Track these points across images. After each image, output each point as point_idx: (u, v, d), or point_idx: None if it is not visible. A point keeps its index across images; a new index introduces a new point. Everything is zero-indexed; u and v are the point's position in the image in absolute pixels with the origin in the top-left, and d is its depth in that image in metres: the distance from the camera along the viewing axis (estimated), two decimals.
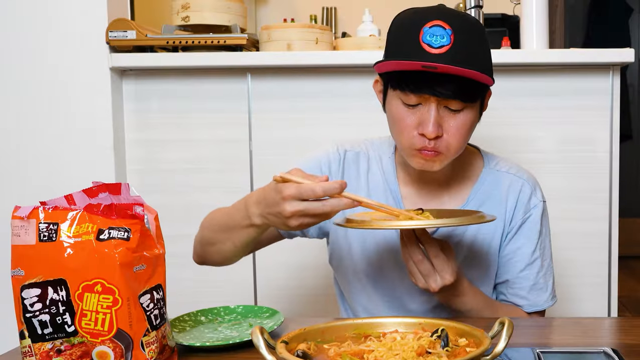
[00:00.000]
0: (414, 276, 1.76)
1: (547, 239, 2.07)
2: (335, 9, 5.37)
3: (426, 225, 1.61)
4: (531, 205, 2.02)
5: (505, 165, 2.07)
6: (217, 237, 1.93)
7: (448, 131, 1.79)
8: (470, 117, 1.81)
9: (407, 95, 1.76)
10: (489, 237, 2.01)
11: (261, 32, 3.27)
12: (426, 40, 1.70)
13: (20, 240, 1.36)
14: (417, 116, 1.78)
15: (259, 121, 3.18)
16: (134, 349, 1.37)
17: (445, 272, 1.73)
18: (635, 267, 6.78)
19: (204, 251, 2.02)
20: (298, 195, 1.58)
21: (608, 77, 3.10)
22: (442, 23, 1.71)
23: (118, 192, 1.49)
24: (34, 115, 3.12)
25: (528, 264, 2.01)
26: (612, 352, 1.48)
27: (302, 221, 1.61)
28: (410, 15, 1.80)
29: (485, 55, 1.81)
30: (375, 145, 2.10)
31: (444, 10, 1.77)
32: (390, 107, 1.84)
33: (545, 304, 2.04)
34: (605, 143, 3.12)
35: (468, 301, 1.87)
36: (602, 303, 3.17)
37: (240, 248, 1.91)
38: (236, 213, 1.84)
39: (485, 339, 1.25)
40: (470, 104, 1.79)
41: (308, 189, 1.57)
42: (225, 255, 1.96)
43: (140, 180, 3.21)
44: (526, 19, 3.17)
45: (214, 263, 2.03)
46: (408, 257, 1.75)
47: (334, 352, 1.30)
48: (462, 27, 1.74)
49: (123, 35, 3.08)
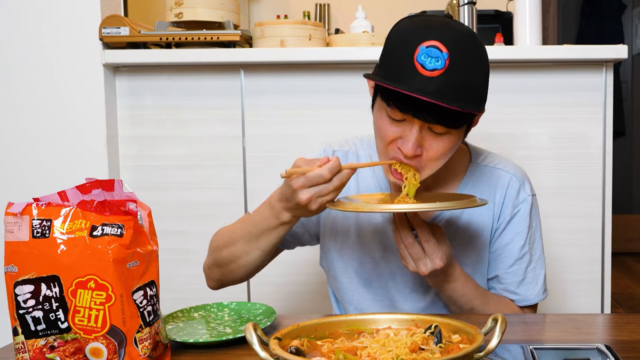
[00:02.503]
0: (404, 259, 1.78)
1: (538, 232, 2.06)
2: (329, 5, 5.37)
3: (418, 209, 1.63)
4: (520, 200, 2.01)
5: (494, 159, 2.06)
6: (239, 251, 1.94)
7: (428, 151, 1.77)
8: (453, 140, 1.79)
9: (393, 110, 1.74)
10: (479, 229, 2.01)
11: (254, 29, 3.27)
12: (420, 61, 1.66)
13: (14, 236, 1.36)
14: (400, 130, 1.76)
15: (252, 117, 3.18)
16: (127, 345, 1.37)
17: (435, 256, 1.74)
18: (629, 263, 6.79)
19: (222, 273, 2.02)
20: (308, 183, 1.66)
21: (601, 74, 3.10)
22: (439, 45, 1.66)
23: (111, 188, 1.49)
24: (27, 111, 3.12)
25: (517, 258, 2.01)
26: (605, 349, 1.48)
27: (321, 202, 1.70)
28: (411, 27, 1.75)
29: (480, 83, 1.77)
30: (364, 144, 2.10)
31: (446, 26, 1.72)
32: (376, 114, 1.83)
33: (536, 298, 2.03)
34: (598, 140, 3.12)
35: (459, 287, 1.87)
36: (596, 300, 3.18)
37: (267, 253, 1.93)
38: (260, 219, 1.88)
39: (478, 336, 1.25)
40: (454, 129, 1.77)
41: (316, 175, 1.66)
42: (252, 265, 1.97)
43: (134, 176, 3.21)
44: (519, 16, 3.18)
45: (236, 280, 2.04)
46: (399, 240, 1.76)
47: (327, 349, 1.30)
48: (460, 51, 1.69)
49: (116, 32, 3.08)
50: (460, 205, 1.67)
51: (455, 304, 1.91)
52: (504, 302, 2.01)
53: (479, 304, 1.91)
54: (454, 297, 1.89)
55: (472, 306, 1.91)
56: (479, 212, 1.99)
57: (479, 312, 1.91)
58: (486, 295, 1.96)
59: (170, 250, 2.35)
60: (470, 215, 2.00)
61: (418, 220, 1.75)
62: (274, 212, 1.81)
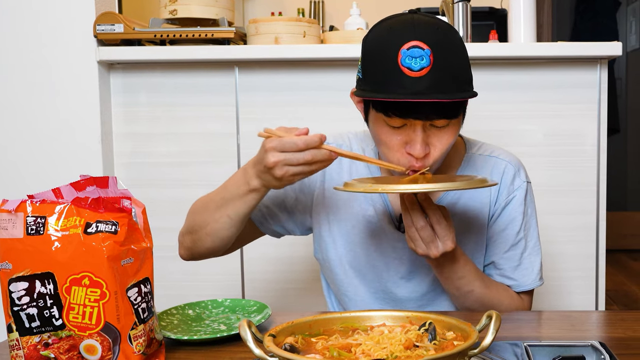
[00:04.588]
0: (414, 242, 1.76)
1: (533, 219, 2.06)
2: (323, 2, 5.37)
3: (429, 189, 1.60)
4: (515, 187, 2.01)
5: (488, 148, 2.06)
6: (208, 217, 1.91)
7: (435, 146, 1.77)
8: (456, 129, 1.80)
9: (391, 119, 1.73)
10: (476, 215, 2.01)
11: (249, 26, 3.27)
12: (405, 64, 1.66)
13: (8, 233, 1.36)
14: (403, 136, 1.76)
15: (247, 114, 3.18)
16: (122, 342, 1.37)
17: (447, 238, 1.73)
18: (623, 260, 6.80)
19: (192, 240, 1.98)
20: (280, 147, 1.65)
21: (596, 71, 3.10)
22: (419, 43, 1.67)
23: (105, 185, 1.49)
24: (22, 108, 3.12)
25: (512, 244, 2.01)
26: (599, 346, 1.49)
27: (287, 170, 1.67)
28: (383, 33, 1.75)
29: (465, 68, 1.77)
30: (358, 138, 2.10)
31: (417, 23, 1.72)
32: (374, 127, 1.81)
33: (532, 284, 2.03)
34: (593, 136, 3.13)
35: (459, 269, 1.86)
36: (590, 297, 3.18)
37: (235, 222, 1.89)
38: (232, 184, 1.86)
39: (472, 333, 1.26)
40: (455, 118, 1.78)
41: (290, 141, 1.65)
42: (219, 234, 1.92)
43: (128, 173, 3.21)
44: (514, 13, 3.18)
45: (204, 251, 1.99)
46: (410, 223, 1.74)
47: (321, 346, 1.30)
48: (440, 44, 1.69)
49: (111, 29, 3.08)
50: (472, 185, 1.63)
51: (455, 287, 1.90)
52: (502, 287, 2.01)
53: (478, 286, 1.90)
54: (454, 279, 1.88)
55: (472, 288, 1.90)
56: (477, 198, 1.99)
57: (479, 295, 1.91)
58: (485, 279, 1.95)
59: (165, 247, 2.34)
60: (468, 200, 2.00)
61: (429, 203, 1.73)
62: (246, 176, 1.80)
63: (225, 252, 2.03)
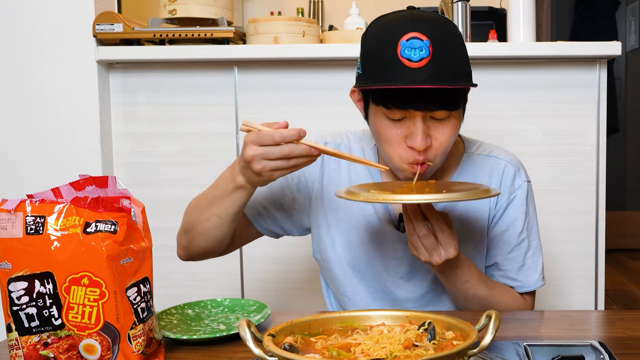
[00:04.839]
0: (416, 249, 1.75)
1: (534, 219, 2.06)
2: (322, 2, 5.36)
3: (434, 200, 1.61)
4: (516, 186, 2.00)
5: (487, 148, 2.06)
6: (200, 216, 1.91)
7: (437, 139, 1.77)
8: (456, 122, 1.80)
9: (391, 111, 1.74)
10: (477, 217, 2.00)
11: (248, 25, 3.27)
12: (405, 55, 1.67)
13: (7, 233, 1.36)
14: (404, 129, 1.76)
15: (246, 114, 3.18)
16: (121, 342, 1.37)
17: (450, 246, 1.73)
18: (622, 260, 6.80)
19: (187, 239, 1.98)
20: (258, 141, 1.64)
21: (595, 70, 3.10)
22: (418, 35, 1.67)
23: (105, 185, 1.49)
24: (21, 108, 3.11)
25: (516, 245, 2.00)
26: (599, 345, 1.49)
27: (264, 165, 1.65)
28: (382, 28, 1.77)
29: (464, 58, 1.78)
30: (357, 137, 2.09)
31: (415, 17, 1.73)
32: (374, 122, 1.82)
33: (535, 284, 2.03)
34: (592, 136, 3.13)
35: (463, 273, 1.86)
36: (589, 296, 3.18)
37: (225, 221, 1.89)
38: (222, 181, 1.86)
39: (472, 332, 1.25)
40: (455, 111, 1.78)
41: (266, 134, 1.63)
42: (210, 234, 1.92)
43: (127, 173, 3.21)
44: (513, 12, 3.18)
45: (199, 250, 1.98)
46: (412, 231, 1.73)
47: (321, 345, 1.30)
48: (438, 35, 1.70)
49: (110, 28, 3.08)
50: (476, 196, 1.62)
51: (459, 291, 1.90)
52: (505, 288, 2.01)
53: (482, 290, 1.90)
54: (458, 284, 1.88)
55: (476, 292, 1.90)
56: (477, 200, 1.99)
57: (482, 298, 1.91)
58: (488, 281, 1.95)
59: (164, 246, 2.34)
60: (468, 202, 1.99)
61: (432, 211, 1.73)
62: (233, 173, 1.79)
63: (221, 252, 2.03)
